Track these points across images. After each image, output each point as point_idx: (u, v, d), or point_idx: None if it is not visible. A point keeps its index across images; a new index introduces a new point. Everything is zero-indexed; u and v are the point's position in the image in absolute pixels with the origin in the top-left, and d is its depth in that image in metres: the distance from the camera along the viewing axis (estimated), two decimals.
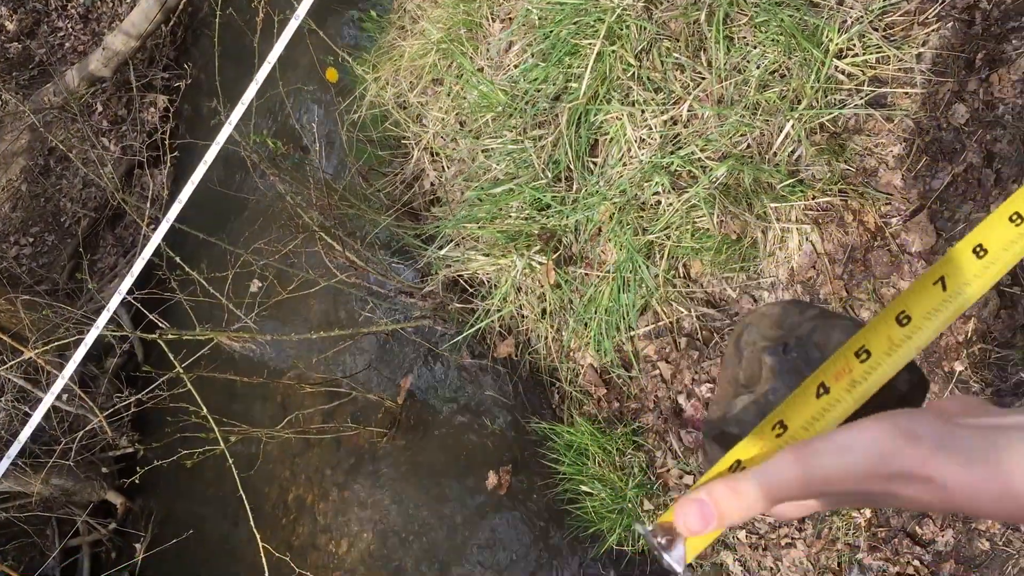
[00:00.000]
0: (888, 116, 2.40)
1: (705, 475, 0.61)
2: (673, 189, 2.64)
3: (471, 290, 3.37)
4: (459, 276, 3.34)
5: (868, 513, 2.32)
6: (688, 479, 2.69)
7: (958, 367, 2.21)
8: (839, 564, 2.36)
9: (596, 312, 2.88)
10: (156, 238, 2.66)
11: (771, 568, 2.49)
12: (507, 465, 3.28)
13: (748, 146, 2.55)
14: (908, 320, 0.60)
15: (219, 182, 4.82)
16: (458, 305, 3.39)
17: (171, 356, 3.27)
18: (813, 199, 2.46)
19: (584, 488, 2.84)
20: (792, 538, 2.46)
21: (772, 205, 2.49)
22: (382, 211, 3.66)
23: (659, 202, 2.71)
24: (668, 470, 2.75)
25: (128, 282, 2.68)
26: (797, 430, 0.60)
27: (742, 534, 2.55)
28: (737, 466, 0.61)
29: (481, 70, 3.25)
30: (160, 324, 3.44)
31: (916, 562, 2.22)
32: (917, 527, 2.23)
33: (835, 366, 0.63)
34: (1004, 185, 2.23)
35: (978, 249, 0.62)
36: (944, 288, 0.60)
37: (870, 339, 0.62)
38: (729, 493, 0.56)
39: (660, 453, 2.79)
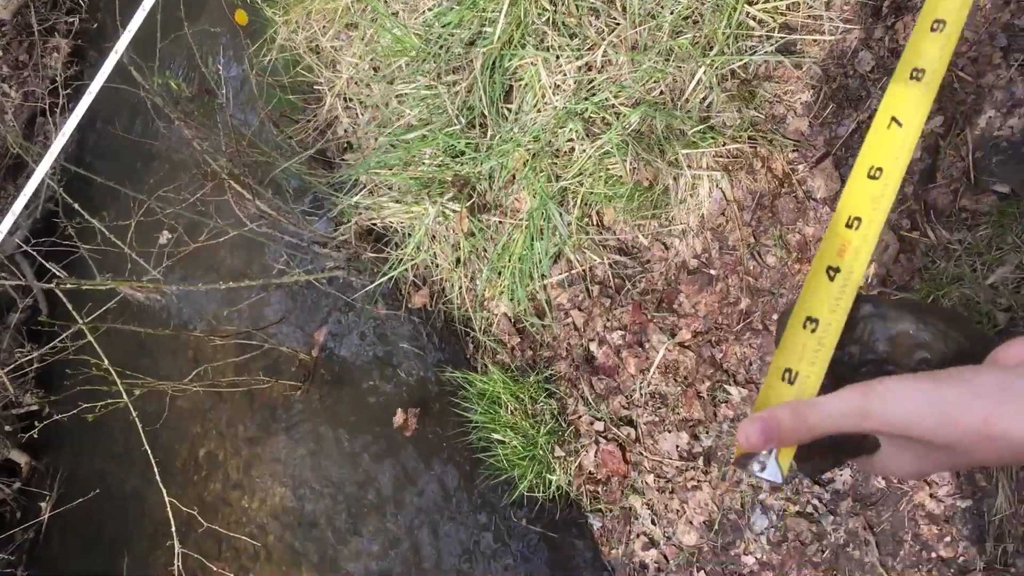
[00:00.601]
0: (797, 63, 2.41)
1: (761, 394, 0.63)
2: (587, 136, 2.62)
3: (385, 238, 3.31)
4: (372, 225, 3.28)
5: None
6: (599, 425, 2.71)
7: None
8: (742, 505, 2.40)
9: (510, 260, 2.86)
10: (40, 170, 2.53)
11: (678, 511, 2.53)
12: (416, 408, 3.26)
13: (661, 92, 2.54)
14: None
15: (125, 129, 4.65)
16: (371, 255, 3.33)
17: (70, 308, 3.16)
18: (723, 146, 2.47)
19: (496, 436, 2.84)
20: (698, 481, 2.50)
21: (684, 152, 2.50)
22: (294, 158, 3.57)
23: (573, 149, 2.69)
24: (579, 417, 2.76)
25: (9, 220, 2.55)
26: (824, 316, 0.64)
27: (650, 478, 2.58)
28: (789, 375, 0.62)
29: (396, 14, 3.17)
30: (59, 275, 3.31)
31: (815, 501, 2.27)
32: None
33: (831, 245, 0.65)
34: None
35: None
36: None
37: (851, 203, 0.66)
38: (792, 417, 0.59)
39: (572, 400, 2.80)
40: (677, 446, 2.55)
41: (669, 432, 2.57)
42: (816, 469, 0.71)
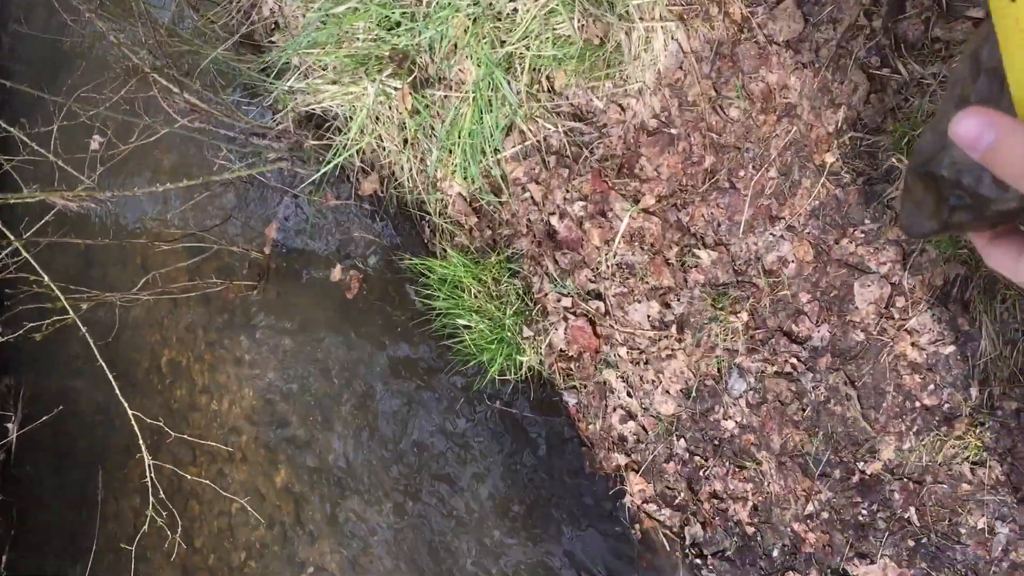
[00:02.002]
0: None
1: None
2: None
3: (326, 124, 3.12)
4: (311, 110, 3.07)
5: (745, 316, 2.28)
6: (566, 301, 2.61)
7: (829, 159, 2.14)
8: (718, 370, 2.34)
9: (459, 137, 2.69)
10: None
11: (653, 381, 2.47)
12: (360, 274, 3.15)
13: None
14: None
15: (41, 28, 4.33)
16: (314, 142, 3.14)
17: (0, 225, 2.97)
18: None
19: (462, 322, 2.74)
20: (672, 349, 2.43)
21: (634, 3, 2.31)
22: (220, 45, 3.32)
23: (516, 9, 2.48)
24: (546, 294, 2.66)
25: None
26: None
27: (623, 351, 2.51)
28: None
29: None
30: None
31: (793, 359, 2.21)
32: (793, 325, 2.21)
33: None
34: None
35: None
36: None
37: None
38: (1013, 131, 0.48)
39: (536, 278, 2.69)
40: (648, 316, 2.47)
41: (639, 302, 2.48)
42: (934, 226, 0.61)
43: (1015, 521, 1.86)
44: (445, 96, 2.71)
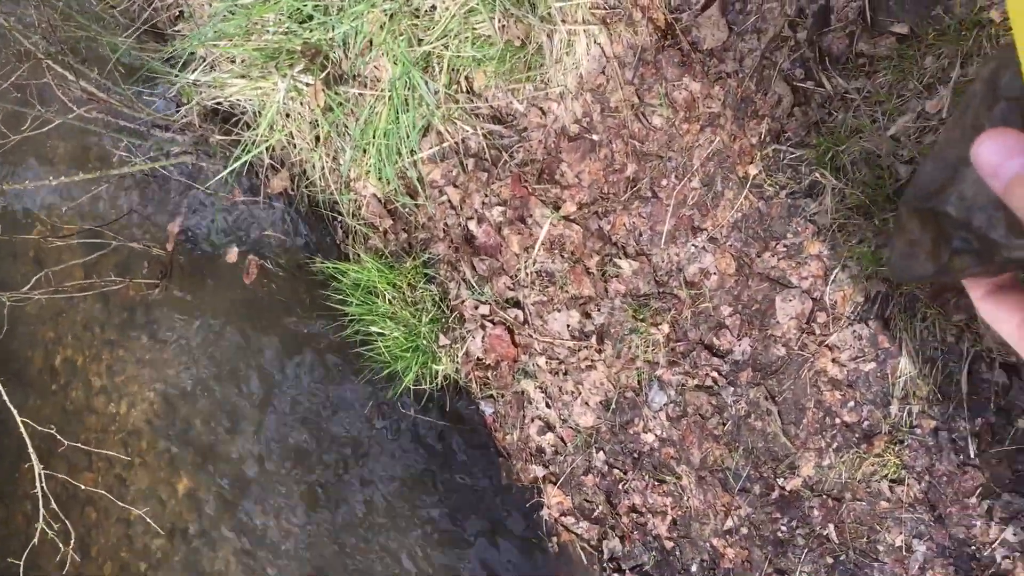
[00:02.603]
0: None
1: None
2: None
3: (234, 118, 2.97)
4: (217, 104, 2.92)
5: (666, 328, 2.25)
6: (484, 308, 2.54)
7: (752, 171, 2.11)
8: (639, 382, 2.30)
9: (374, 136, 2.59)
10: None
11: (572, 392, 2.41)
12: (258, 259, 3.03)
13: None
14: None
15: None
16: (220, 137, 2.99)
17: None
18: None
19: (375, 328, 2.64)
20: (592, 360, 2.37)
21: (557, 5, 2.24)
22: (120, 32, 3.13)
23: (434, 7, 2.39)
24: (463, 301, 2.58)
25: None
26: None
27: (541, 360, 2.45)
28: None
29: None
30: None
31: (714, 373, 2.18)
32: (715, 338, 2.18)
33: None
34: None
35: None
36: None
37: None
38: None
39: (454, 284, 2.61)
40: (568, 325, 2.41)
41: (559, 311, 2.42)
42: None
43: (932, 539, 1.86)
44: (360, 94, 2.60)
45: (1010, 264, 0.48)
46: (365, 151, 2.64)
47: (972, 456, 1.82)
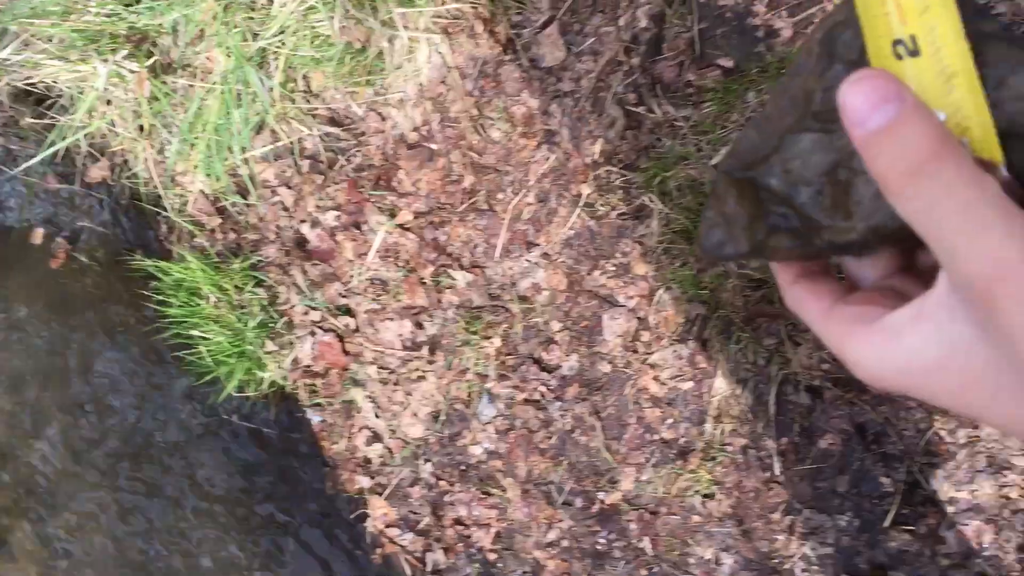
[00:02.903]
0: None
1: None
2: None
3: (48, 101, 2.77)
4: (30, 85, 2.72)
5: (498, 341, 2.26)
6: (315, 315, 2.48)
7: (585, 190, 2.15)
8: (469, 395, 2.30)
9: (204, 130, 2.47)
10: None
11: (402, 402, 2.39)
12: (68, 245, 2.88)
13: None
14: None
15: None
16: (33, 120, 2.78)
17: None
18: (443, 5, 2.21)
19: (198, 332, 2.52)
20: (423, 371, 2.36)
21: (399, 11, 2.21)
22: None
23: (271, 1, 2.31)
24: (292, 307, 2.51)
25: None
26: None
27: (372, 370, 2.41)
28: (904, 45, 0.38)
29: None
30: None
31: (543, 387, 2.21)
32: (544, 353, 2.21)
33: None
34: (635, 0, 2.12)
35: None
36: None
37: None
38: (929, 140, 0.34)
39: (283, 288, 2.53)
40: (400, 335, 2.38)
41: (391, 320, 2.39)
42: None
43: (739, 552, 1.95)
44: (190, 85, 2.48)
45: (827, 250, 0.44)
46: (193, 145, 2.52)
47: (777, 474, 1.92)
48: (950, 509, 1.76)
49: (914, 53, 0.38)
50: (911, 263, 0.46)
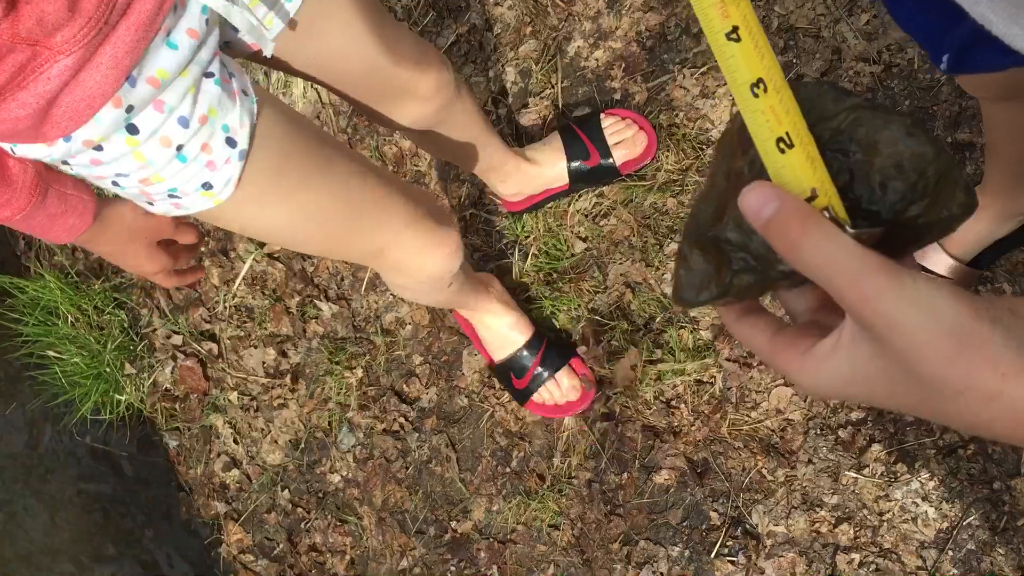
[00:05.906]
0: None
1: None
2: None
3: None
4: None
5: (360, 372, 2.32)
6: (177, 339, 2.48)
7: None
8: (329, 423, 2.35)
9: None
10: None
11: (262, 429, 2.42)
12: None
13: None
14: None
15: None
16: None
17: None
18: None
19: (53, 352, 2.48)
20: (285, 399, 2.40)
21: None
22: None
23: None
24: (155, 330, 2.50)
25: None
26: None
27: (233, 396, 2.43)
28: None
29: None
30: None
31: (402, 419, 2.28)
32: (405, 385, 2.29)
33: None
34: (502, 51, 2.24)
35: None
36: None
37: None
38: (799, 220, 0.47)
39: (146, 311, 2.53)
40: (264, 363, 2.41)
41: (255, 348, 2.42)
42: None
43: None
44: None
45: (780, 278, 0.54)
46: None
47: (617, 506, 2.05)
48: (768, 542, 1.93)
49: (790, 146, 0.50)
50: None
